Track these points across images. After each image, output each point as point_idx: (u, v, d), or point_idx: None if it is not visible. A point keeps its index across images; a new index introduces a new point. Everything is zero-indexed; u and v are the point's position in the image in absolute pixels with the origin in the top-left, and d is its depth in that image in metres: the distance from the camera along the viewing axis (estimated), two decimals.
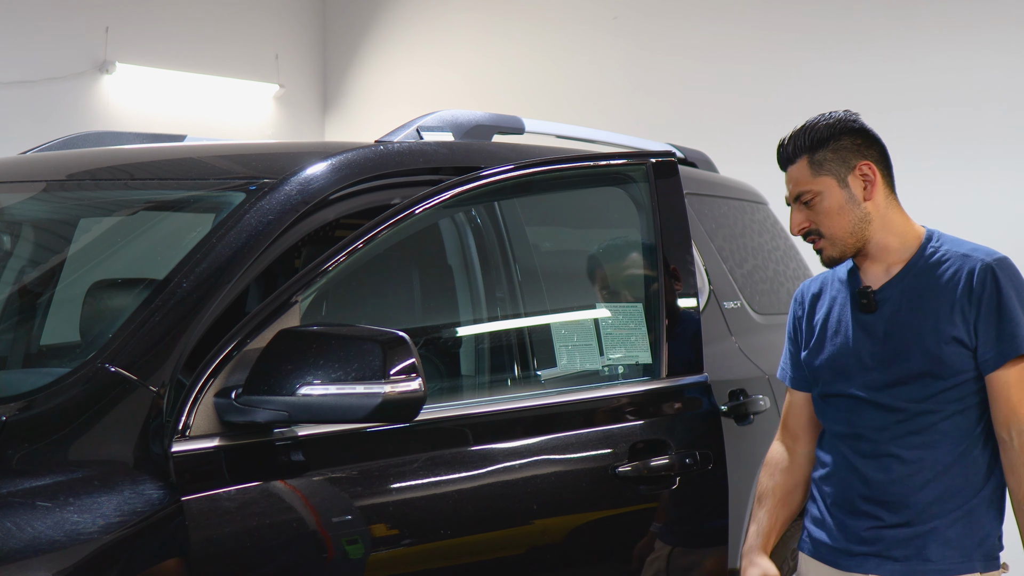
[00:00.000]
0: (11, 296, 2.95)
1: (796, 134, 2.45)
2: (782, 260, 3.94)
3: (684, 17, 7.10)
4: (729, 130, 6.61)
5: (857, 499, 2.41)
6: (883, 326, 2.39)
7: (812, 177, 2.41)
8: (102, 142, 3.56)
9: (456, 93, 7.94)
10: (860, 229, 2.40)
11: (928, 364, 2.33)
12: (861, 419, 2.41)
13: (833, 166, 2.40)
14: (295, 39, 8.50)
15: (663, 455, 2.67)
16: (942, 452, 2.34)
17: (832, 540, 2.45)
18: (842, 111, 2.46)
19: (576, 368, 2.72)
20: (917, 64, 6.14)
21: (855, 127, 2.43)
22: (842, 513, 2.44)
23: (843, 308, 2.47)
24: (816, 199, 2.40)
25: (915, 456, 2.35)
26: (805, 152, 2.42)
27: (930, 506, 2.35)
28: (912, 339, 2.35)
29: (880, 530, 2.38)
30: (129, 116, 7.31)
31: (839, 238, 2.41)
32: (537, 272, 2.96)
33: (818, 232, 2.42)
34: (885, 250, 2.42)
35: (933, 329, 2.33)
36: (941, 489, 2.34)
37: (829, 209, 2.40)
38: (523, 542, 2.51)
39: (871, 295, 2.41)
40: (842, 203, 2.40)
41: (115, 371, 2.09)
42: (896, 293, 2.39)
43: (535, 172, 2.73)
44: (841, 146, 2.40)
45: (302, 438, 2.19)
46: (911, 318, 2.36)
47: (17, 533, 1.82)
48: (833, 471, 2.46)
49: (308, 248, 2.58)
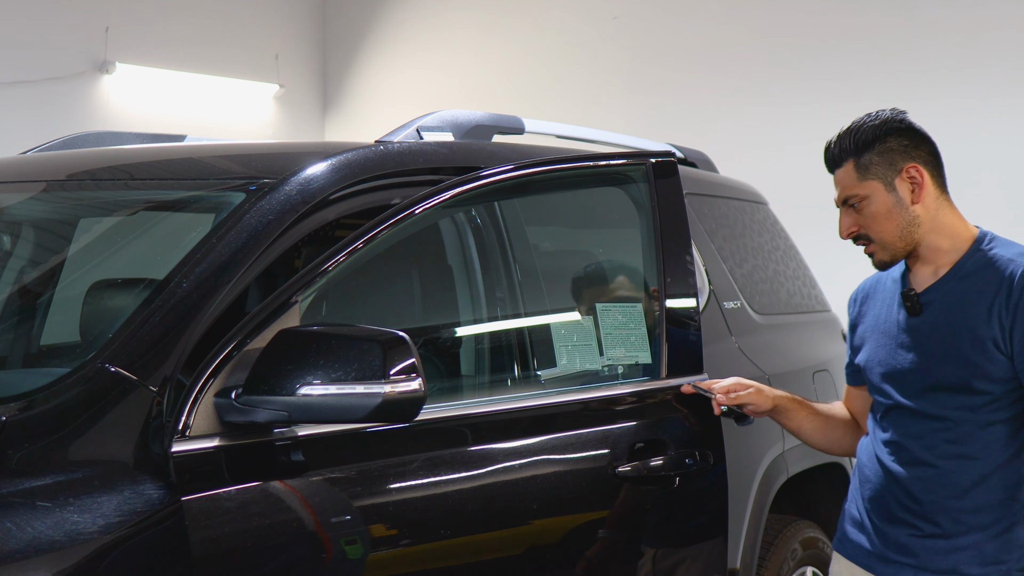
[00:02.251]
0: (11, 296, 2.95)
1: (842, 136, 2.38)
2: (782, 260, 3.94)
3: (684, 17, 7.10)
4: (729, 130, 6.61)
5: (895, 506, 2.38)
6: (925, 330, 2.34)
7: (858, 181, 2.35)
8: (102, 142, 3.56)
9: (456, 93, 7.94)
10: (909, 232, 2.34)
11: (965, 371, 2.27)
12: (901, 425, 2.37)
13: (880, 169, 2.33)
14: (295, 39, 8.50)
15: (663, 455, 2.67)
16: (981, 462, 2.29)
17: (870, 545, 2.43)
18: (889, 110, 2.38)
19: (576, 368, 2.71)
20: (918, 65, 6.14)
21: (902, 127, 2.35)
22: (880, 519, 2.41)
23: (890, 309, 2.43)
24: (863, 203, 2.35)
25: (953, 465, 2.30)
26: (851, 156, 2.35)
27: (968, 517, 2.30)
28: (951, 344, 2.29)
29: (918, 539, 2.34)
30: (129, 116, 7.31)
31: (888, 242, 2.35)
32: (537, 272, 2.96)
33: (867, 236, 2.37)
34: (936, 252, 2.35)
35: (971, 335, 2.27)
36: (979, 500, 2.29)
37: (877, 213, 2.34)
38: (523, 542, 2.51)
39: (915, 298, 2.36)
40: (890, 207, 2.33)
41: (115, 371, 2.09)
42: (940, 296, 2.34)
43: (535, 172, 2.73)
44: (888, 148, 2.34)
45: (302, 438, 2.19)
46: (952, 322, 2.30)
47: (17, 533, 1.82)
48: (872, 477, 2.44)
49: (308, 248, 2.58)
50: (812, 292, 4.08)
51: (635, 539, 2.69)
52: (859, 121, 2.38)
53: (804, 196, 6.10)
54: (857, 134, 2.35)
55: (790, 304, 3.84)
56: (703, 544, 2.84)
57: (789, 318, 3.77)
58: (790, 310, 3.81)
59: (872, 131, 2.34)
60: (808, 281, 4.09)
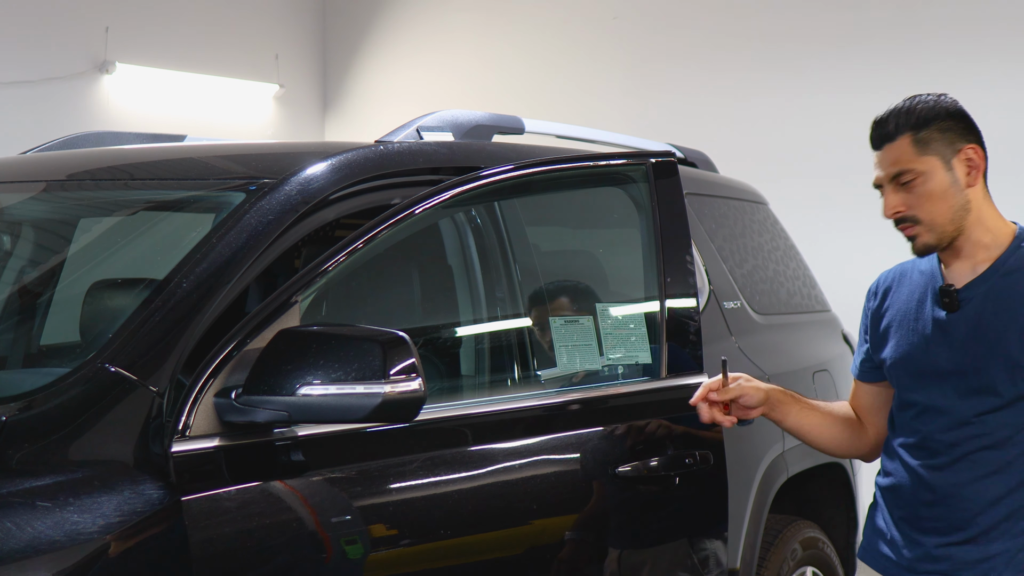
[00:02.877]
0: (11, 296, 2.95)
1: (898, 111, 2.27)
2: (782, 260, 3.94)
3: (684, 17, 7.10)
4: (729, 130, 6.61)
5: (924, 514, 2.29)
6: (964, 328, 2.24)
7: (917, 156, 2.23)
8: (102, 142, 3.56)
9: (456, 93, 7.94)
10: (960, 217, 2.24)
11: (1008, 373, 2.19)
12: (933, 429, 2.28)
13: (939, 146, 2.23)
14: (295, 39, 8.50)
15: (663, 455, 2.67)
16: (1017, 468, 2.21)
17: (896, 555, 2.34)
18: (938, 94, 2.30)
19: (576, 368, 2.72)
20: (918, 66, 6.14)
21: (959, 110, 2.27)
22: (909, 528, 2.33)
23: (921, 305, 2.32)
24: (918, 180, 2.23)
25: (987, 471, 2.22)
26: (909, 129, 2.24)
27: (1000, 524, 2.22)
28: (993, 344, 2.20)
29: (948, 548, 2.26)
30: (129, 116, 7.31)
31: (939, 224, 2.23)
32: (537, 272, 2.96)
33: (914, 218, 2.24)
34: (976, 245, 2.26)
35: (1018, 335, 2.18)
36: (1013, 507, 2.21)
37: (932, 192, 2.22)
38: (523, 542, 2.51)
39: (954, 294, 2.25)
40: (946, 186, 2.23)
41: (115, 371, 2.09)
42: (980, 293, 2.24)
43: (535, 172, 2.73)
44: (948, 127, 2.24)
45: (302, 438, 2.19)
46: (994, 321, 2.21)
47: (17, 533, 1.82)
48: (900, 483, 2.34)
49: (308, 248, 2.58)
50: (812, 292, 4.08)
51: (635, 539, 2.69)
52: (915, 98, 2.28)
53: (804, 196, 6.11)
54: (916, 110, 2.25)
55: (790, 304, 3.84)
56: (703, 544, 2.84)
57: (789, 318, 3.77)
58: (790, 310, 3.82)
59: (931, 109, 2.25)
60: (808, 281, 4.09)
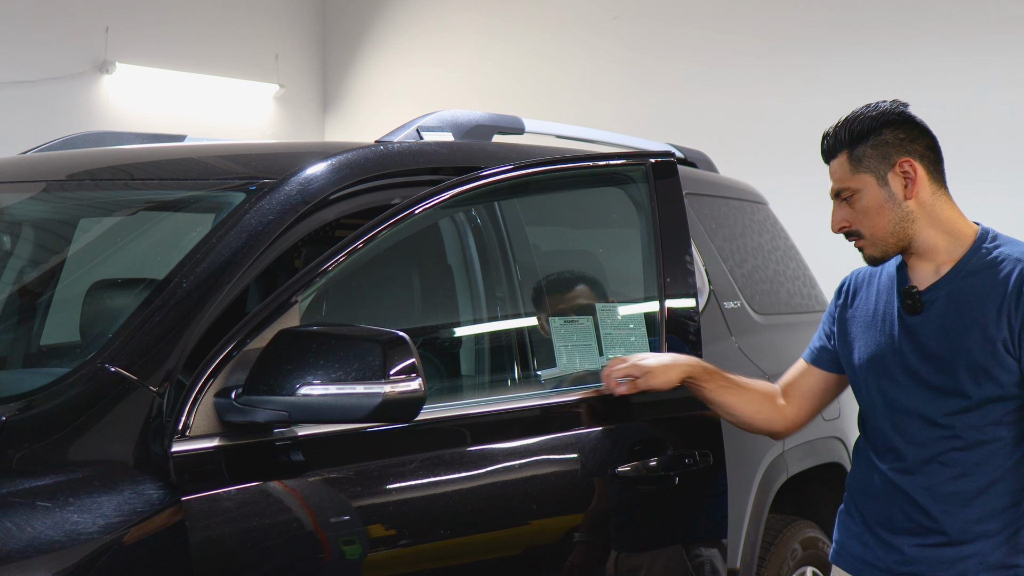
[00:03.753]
0: (11, 296, 2.95)
1: (838, 127, 2.30)
2: (782, 260, 3.94)
3: (684, 17, 7.10)
4: (729, 130, 6.62)
5: (898, 516, 2.29)
6: (928, 330, 2.24)
7: (851, 174, 2.27)
8: (102, 142, 3.56)
9: (456, 93, 7.94)
10: (901, 228, 2.25)
11: (973, 374, 2.18)
12: (902, 431, 2.28)
13: (872, 163, 2.25)
14: (295, 39, 8.50)
15: (663, 455, 2.67)
16: (988, 468, 2.21)
17: (871, 557, 2.34)
18: (889, 101, 2.30)
19: (576, 368, 2.72)
20: (919, 65, 6.14)
21: (899, 119, 2.27)
22: (882, 530, 2.32)
23: (888, 305, 2.33)
24: (855, 197, 2.27)
25: (958, 472, 2.22)
26: (845, 147, 2.27)
27: (974, 525, 2.22)
28: (957, 346, 2.20)
29: (923, 549, 2.26)
30: (129, 116, 7.31)
31: (879, 238, 2.27)
32: (537, 272, 2.96)
33: (858, 232, 2.29)
34: (933, 249, 2.26)
35: (980, 337, 2.18)
36: (986, 507, 2.22)
37: (868, 208, 2.26)
38: (523, 542, 2.51)
39: (916, 296, 2.26)
40: (881, 202, 2.25)
41: (115, 371, 2.09)
42: (943, 295, 2.24)
43: (535, 172, 2.73)
44: (882, 141, 2.25)
45: (302, 438, 2.19)
46: (957, 323, 2.21)
47: (17, 533, 1.82)
48: (872, 486, 2.34)
49: (308, 248, 2.58)
50: (812, 292, 4.08)
51: (635, 539, 2.69)
52: (856, 112, 2.30)
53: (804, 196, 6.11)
54: (853, 125, 2.27)
55: (790, 304, 3.84)
56: (703, 544, 2.84)
57: (789, 318, 3.77)
58: (790, 310, 3.81)
59: (868, 122, 2.26)
60: (808, 281, 4.09)
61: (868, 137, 2.26)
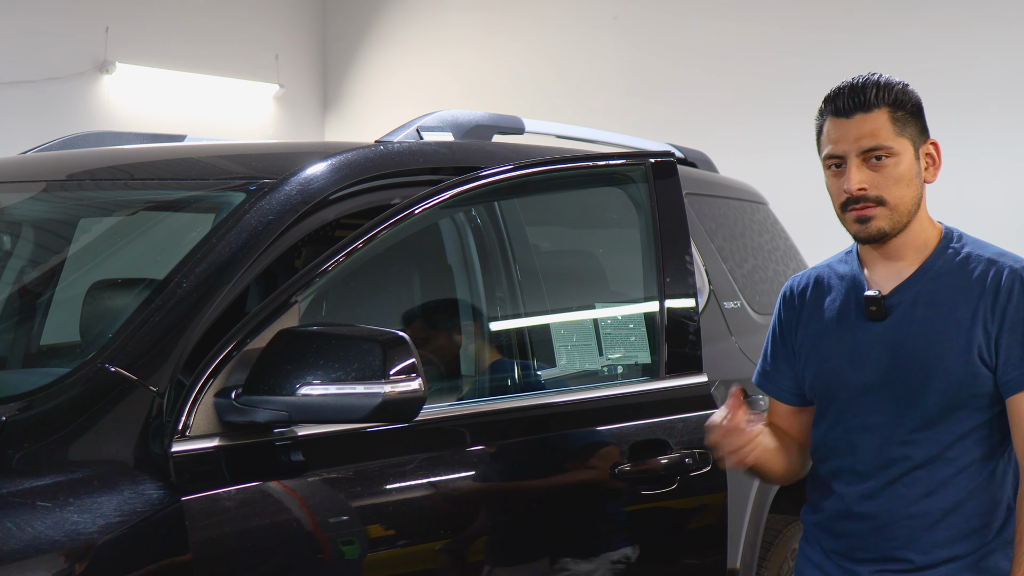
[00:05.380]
0: (11, 296, 2.95)
1: (875, 82, 2.07)
2: (782, 260, 3.94)
3: (683, 17, 7.11)
4: (729, 130, 6.62)
5: (858, 544, 2.13)
6: (895, 338, 2.07)
7: (894, 135, 2.04)
8: (102, 142, 3.56)
9: (456, 93, 7.95)
10: (915, 209, 2.07)
11: (944, 382, 2.02)
12: (861, 450, 2.11)
13: (913, 132, 2.07)
14: (295, 39, 8.51)
15: (663, 455, 2.67)
16: (954, 488, 2.05)
17: None
18: None
19: (576, 368, 2.72)
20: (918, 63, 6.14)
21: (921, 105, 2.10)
22: (843, 558, 2.16)
23: (844, 312, 2.14)
24: (891, 160, 2.03)
25: (920, 493, 2.06)
26: (887, 104, 2.05)
27: (940, 550, 2.06)
28: (925, 353, 2.04)
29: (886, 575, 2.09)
30: (129, 116, 7.32)
31: (902, 211, 2.05)
32: (537, 272, 2.96)
33: (879, 199, 2.03)
34: (904, 246, 2.08)
35: (951, 342, 2.02)
36: (953, 530, 2.06)
37: (902, 176, 2.04)
38: (522, 542, 2.51)
39: (881, 301, 2.08)
40: (914, 174, 2.05)
41: (115, 371, 2.09)
42: (909, 298, 2.07)
43: (535, 172, 2.73)
44: (917, 115, 2.09)
45: (302, 438, 2.19)
46: (926, 328, 2.04)
47: (17, 533, 1.82)
48: (830, 514, 2.17)
49: (308, 248, 2.58)
50: None
51: (634, 539, 2.69)
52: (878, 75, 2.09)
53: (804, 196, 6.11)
54: (894, 88, 2.07)
55: None
56: (703, 544, 2.84)
57: None
58: None
59: (905, 92, 2.08)
60: None
61: (907, 105, 2.07)
